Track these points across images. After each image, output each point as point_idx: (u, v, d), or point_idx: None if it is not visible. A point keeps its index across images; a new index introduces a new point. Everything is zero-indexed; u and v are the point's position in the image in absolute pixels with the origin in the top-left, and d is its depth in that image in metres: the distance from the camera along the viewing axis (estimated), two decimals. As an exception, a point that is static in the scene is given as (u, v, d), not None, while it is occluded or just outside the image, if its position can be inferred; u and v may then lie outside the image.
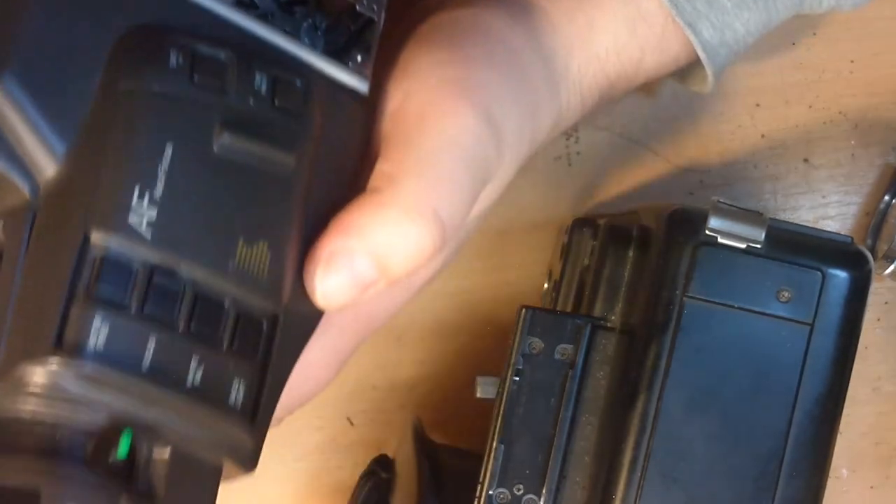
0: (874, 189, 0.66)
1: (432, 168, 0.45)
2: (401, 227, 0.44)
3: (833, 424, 0.52)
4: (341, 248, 0.44)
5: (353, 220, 0.44)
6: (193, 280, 0.41)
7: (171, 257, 0.40)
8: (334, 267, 0.44)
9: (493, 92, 0.47)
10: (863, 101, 0.66)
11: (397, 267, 0.44)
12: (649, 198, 0.65)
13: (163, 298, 0.40)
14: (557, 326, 0.54)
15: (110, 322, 0.39)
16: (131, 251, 0.40)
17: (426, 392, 0.65)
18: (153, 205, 0.40)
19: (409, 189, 0.44)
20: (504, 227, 0.65)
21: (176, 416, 0.40)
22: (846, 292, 0.52)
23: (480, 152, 0.46)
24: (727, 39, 0.54)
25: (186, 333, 0.40)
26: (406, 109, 0.46)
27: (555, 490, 0.53)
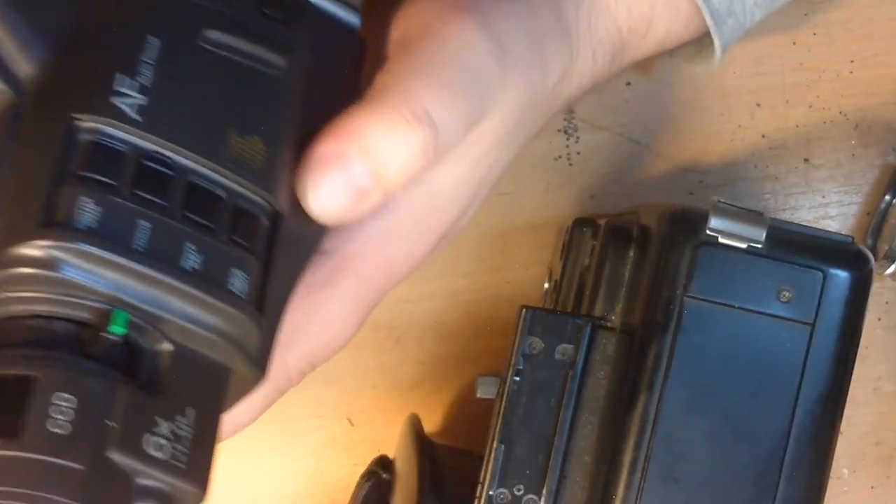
0: (874, 189, 0.66)
1: (428, 72, 0.44)
2: (394, 127, 0.43)
3: (834, 424, 0.52)
4: (335, 151, 0.42)
5: (346, 124, 0.43)
6: (187, 167, 0.40)
7: (162, 142, 0.40)
8: (328, 171, 0.42)
9: (499, 14, 0.46)
10: (863, 101, 0.66)
11: (392, 172, 0.43)
12: (649, 198, 0.65)
13: (155, 183, 0.39)
14: (557, 326, 0.54)
15: (100, 202, 0.38)
16: (121, 135, 0.39)
17: (426, 392, 0.65)
18: (142, 92, 0.40)
19: (403, 90, 0.43)
20: (504, 227, 0.65)
21: (173, 299, 0.39)
22: (847, 292, 0.52)
23: (481, 65, 0.45)
24: (735, 9, 0.54)
25: (181, 219, 0.40)
26: (408, 29, 0.46)
27: (555, 490, 0.53)
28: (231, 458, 0.64)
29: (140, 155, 0.39)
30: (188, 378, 0.40)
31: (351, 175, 0.42)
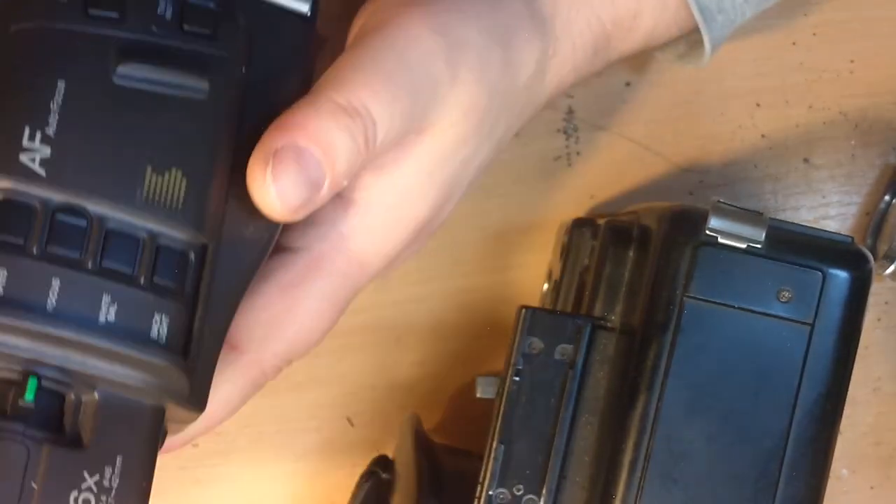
0: (874, 189, 0.66)
1: (369, 67, 0.44)
2: (336, 117, 0.43)
3: (833, 425, 0.52)
4: (287, 143, 0.42)
5: (292, 119, 0.43)
6: (100, 215, 0.39)
7: (69, 193, 0.39)
8: (283, 164, 0.42)
9: (454, 12, 0.46)
10: (863, 101, 0.66)
11: (340, 162, 0.43)
12: (649, 198, 0.65)
13: (68, 236, 0.39)
14: (557, 326, 0.54)
15: (9, 265, 0.38)
16: (26, 191, 0.38)
17: (426, 392, 0.65)
18: (46, 142, 0.39)
19: (342, 83, 0.43)
20: (504, 228, 0.65)
21: (91, 357, 0.39)
22: (846, 292, 0.52)
23: (426, 63, 0.45)
24: (725, 5, 0.54)
25: (96, 270, 0.39)
26: (365, 27, 0.46)
27: (555, 490, 0.53)
28: (230, 460, 0.64)
29: (51, 209, 0.39)
30: (116, 425, 0.40)
31: (306, 166, 0.42)
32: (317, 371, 0.64)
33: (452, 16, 0.46)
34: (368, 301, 0.64)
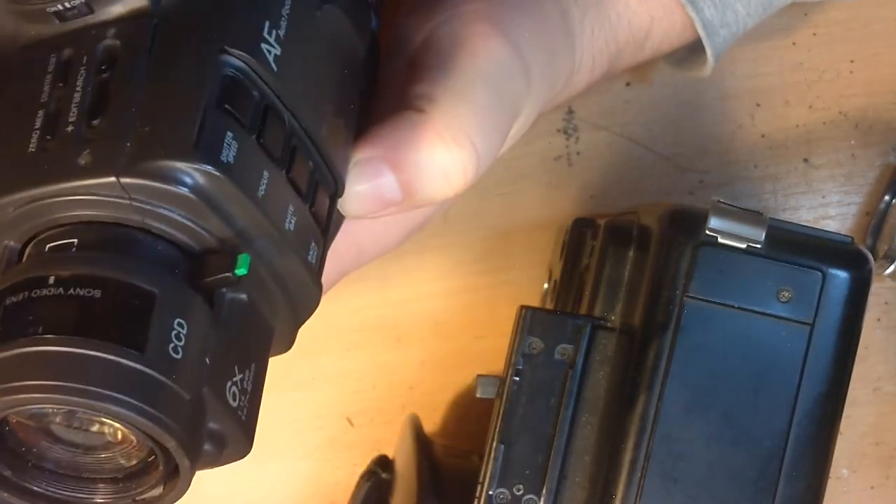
0: (874, 189, 0.66)
1: (469, 97, 0.44)
2: (434, 151, 0.43)
3: (833, 424, 0.52)
4: (371, 158, 0.43)
5: (387, 135, 0.44)
6: (295, 130, 0.41)
7: (284, 100, 0.41)
8: (359, 175, 0.43)
9: (520, 29, 0.47)
10: (863, 101, 0.66)
11: (423, 191, 0.44)
12: (649, 198, 0.65)
13: (273, 138, 0.40)
14: (557, 326, 0.54)
15: (238, 141, 0.39)
16: (259, 81, 0.40)
17: (426, 392, 0.65)
18: (279, 43, 0.41)
19: (447, 114, 0.44)
20: (504, 227, 0.65)
21: (273, 252, 0.41)
22: (846, 292, 0.52)
23: (512, 85, 0.46)
24: (728, 20, 0.55)
25: (286, 180, 0.41)
26: (437, 38, 0.46)
27: (555, 490, 0.53)
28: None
29: (266, 106, 0.40)
30: (252, 334, 0.41)
31: (381, 184, 0.43)
32: (317, 371, 0.65)
33: (520, 34, 0.47)
34: (369, 301, 0.64)
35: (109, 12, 0.41)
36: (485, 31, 0.46)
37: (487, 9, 0.47)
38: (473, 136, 0.44)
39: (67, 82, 0.40)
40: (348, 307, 0.64)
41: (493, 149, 0.45)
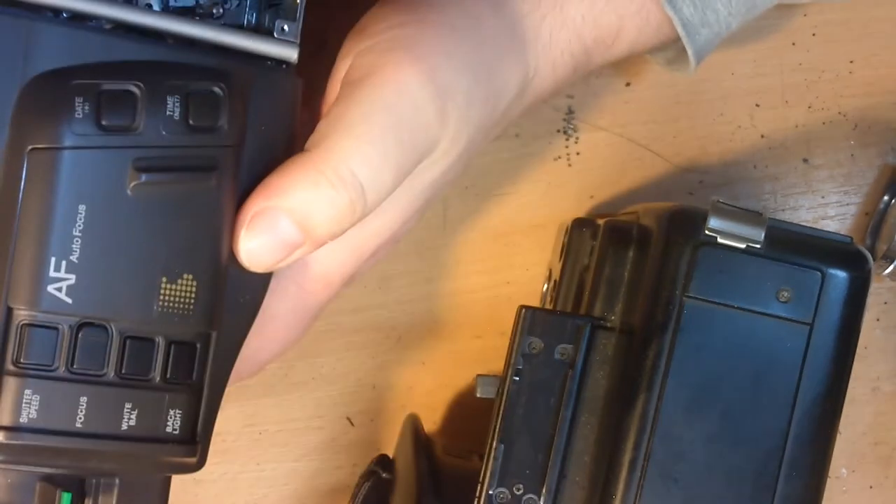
0: (873, 189, 0.66)
1: (359, 130, 0.45)
2: (319, 187, 0.44)
3: (832, 424, 0.52)
4: (263, 209, 0.44)
5: (276, 182, 0.44)
6: (120, 329, 0.41)
7: (93, 315, 0.41)
8: (256, 228, 0.44)
9: (442, 55, 0.47)
10: (862, 101, 0.66)
11: (320, 228, 0.44)
12: (649, 198, 0.65)
13: (91, 352, 0.41)
14: (557, 326, 0.54)
15: (41, 391, 0.40)
16: (55, 317, 0.41)
17: (426, 392, 0.65)
18: (71, 270, 0.41)
19: (331, 150, 0.44)
20: (504, 227, 0.65)
21: (114, 460, 0.42)
22: (846, 292, 0.52)
23: (417, 119, 0.46)
24: (709, 19, 0.54)
25: (118, 381, 0.41)
26: (352, 71, 0.46)
27: (555, 490, 0.53)
28: (230, 460, 0.64)
29: (75, 329, 0.41)
30: (134, 497, 0.43)
31: (278, 231, 0.44)
32: (317, 371, 0.65)
33: (440, 59, 0.47)
34: (369, 301, 0.64)
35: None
36: (397, 60, 0.46)
37: (410, 34, 0.47)
38: (357, 170, 0.44)
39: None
40: (348, 307, 0.64)
41: (384, 180, 0.45)
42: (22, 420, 0.40)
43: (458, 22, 0.48)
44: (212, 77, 0.42)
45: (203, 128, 0.42)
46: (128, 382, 0.42)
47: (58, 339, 0.41)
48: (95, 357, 0.41)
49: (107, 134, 0.41)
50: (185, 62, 0.43)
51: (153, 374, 0.42)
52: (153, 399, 0.42)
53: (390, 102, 0.45)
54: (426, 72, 0.46)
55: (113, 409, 0.41)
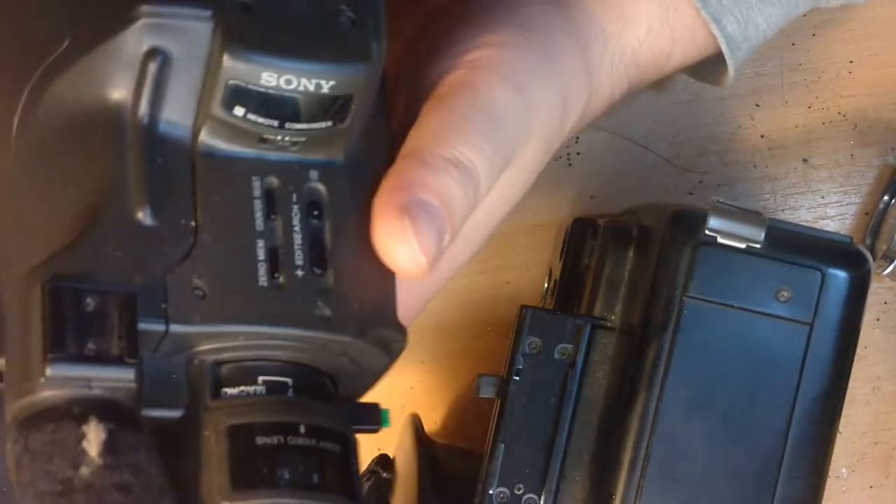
0: (873, 189, 0.66)
1: (466, 127, 0.44)
2: (449, 172, 0.43)
3: (832, 424, 0.52)
4: (411, 200, 0.42)
5: (408, 177, 0.43)
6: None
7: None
8: (419, 218, 0.42)
9: (525, 75, 0.47)
10: (862, 101, 0.66)
11: (458, 216, 0.43)
12: (649, 198, 0.65)
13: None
14: (557, 326, 0.54)
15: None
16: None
17: (426, 392, 0.65)
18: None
19: (447, 142, 0.44)
20: (504, 228, 0.65)
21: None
22: (845, 292, 0.52)
23: (509, 122, 0.46)
24: (749, 34, 0.55)
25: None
26: (442, 88, 0.46)
27: (555, 489, 0.53)
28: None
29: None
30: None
31: (436, 218, 0.42)
32: (317, 371, 0.64)
33: (527, 78, 0.47)
34: (369, 301, 0.64)
35: (310, 153, 0.42)
36: (487, 77, 0.46)
37: (495, 55, 0.47)
38: (472, 157, 0.44)
39: (279, 215, 0.41)
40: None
41: (489, 171, 0.45)
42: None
43: (537, 44, 0.48)
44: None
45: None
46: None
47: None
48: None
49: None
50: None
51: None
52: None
53: (487, 107, 0.45)
54: (515, 87, 0.46)
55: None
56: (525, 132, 0.47)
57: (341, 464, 0.41)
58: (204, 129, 0.41)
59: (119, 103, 0.40)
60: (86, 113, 0.40)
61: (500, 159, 0.45)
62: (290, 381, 0.42)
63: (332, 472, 0.41)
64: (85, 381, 0.37)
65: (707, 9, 0.53)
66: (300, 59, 0.40)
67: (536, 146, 0.48)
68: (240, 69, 0.39)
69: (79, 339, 0.37)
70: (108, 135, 0.40)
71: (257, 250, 0.41)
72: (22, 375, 0.38)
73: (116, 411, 0.38)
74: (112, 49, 0.40)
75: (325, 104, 0.41)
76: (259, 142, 0.41)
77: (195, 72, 0.40)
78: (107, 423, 0.37)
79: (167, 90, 0.40)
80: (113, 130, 0.40)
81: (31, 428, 0.37)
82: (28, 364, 0.37)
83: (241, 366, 0.41)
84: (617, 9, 0.52)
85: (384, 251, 0.42)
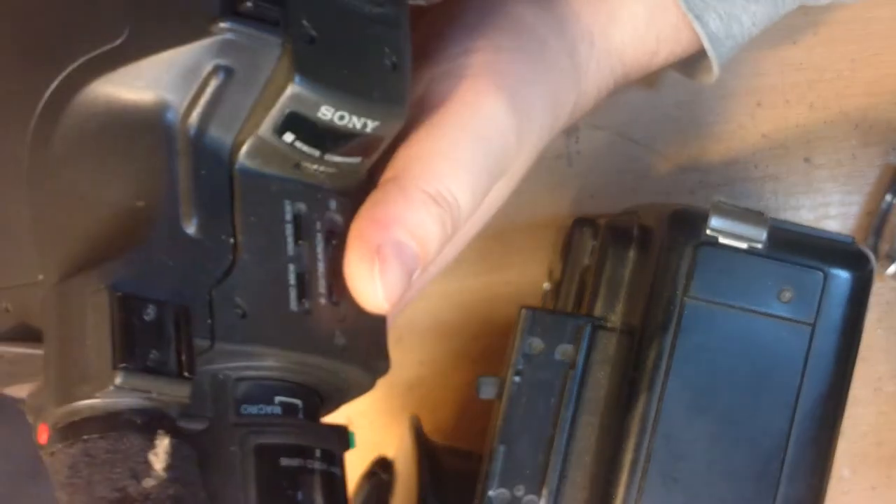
0: (875, 189, 0.66)
1: (452, 155, 0.44)
2: (428, 206, 0.43)
3: (834, 425, 0.52)
4: (387, 239, 0.43)
5: (388, 212, 0.43)
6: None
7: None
8: (388, 261, 0.43)
9: (519, 82, 0.47)
10: (863, 100, 0.66)
11: (432, 249, 0.44)
12: (649, 198, 0.65)
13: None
14: (558, 326, 0.54)
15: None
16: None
17: (426, 392, 0.65)
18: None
19: (430, 171, 0.44)
20: (504, 227, 0.65)
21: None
22: (848, 292, 0.52)
23: (501, 143, 0.46)
24: (733, 31, 0.55)
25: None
26: (431, 96, 0.46)
27: (555, 490, 0.53)
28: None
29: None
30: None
31: (406, 259, 0.43)
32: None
33: (520, 87, 0.47)
34: (368, 301, 0.64)
35: (332, 182, 0.43)
36: (477, 87, 0.46)
37: (486, 62, 0.47)
38: (454, 189, 0.44)
39: (305, 240, 0.42)
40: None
41: (472, 200, 0.45)
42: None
43: (528, 46, 0.49)
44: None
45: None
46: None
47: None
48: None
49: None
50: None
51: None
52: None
53: (478, 129, 0.45)
54: (507, 98, 0.46)
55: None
56: (517, 147, 0.47)
57: (341, 487, 0.43)
58: (245, 147, 0.41)
59: (169, 109, 0.40)
60: (131, 113, 0.40)
61: (486, 182, 0.46)
62: (300, 402, 0.43)
63: (335, 495, 0.42)
64: (146, 393, 0.37)
65: (689, 5, 0.53)
66: (356, 98, 0.41)
67: (527, 156, 0.48)
68: (303, 98, 0.40)
69: (144, 349, 0.37)
70: (156, 140, 0.40)
71: (289, 274, 0.41)
72: (80, 379, 0.37)
73: (174, 425, 0.38)
74: (179, 57, 0.39)
75: (364, 142, 0.42)
76: (293, 167, 0.42)
77: (252, 92, 0.40)
78: (172, 438, 0.38)
79: (220, 105, 0.40)
80: (161, 137, 0.40)
81: (90, 433, 0.38)
82: (90, 369, 0.37)
83: (259, 384, 0.42)
84: (603, 10, 0.52)
85: (351, 284, 0.43)
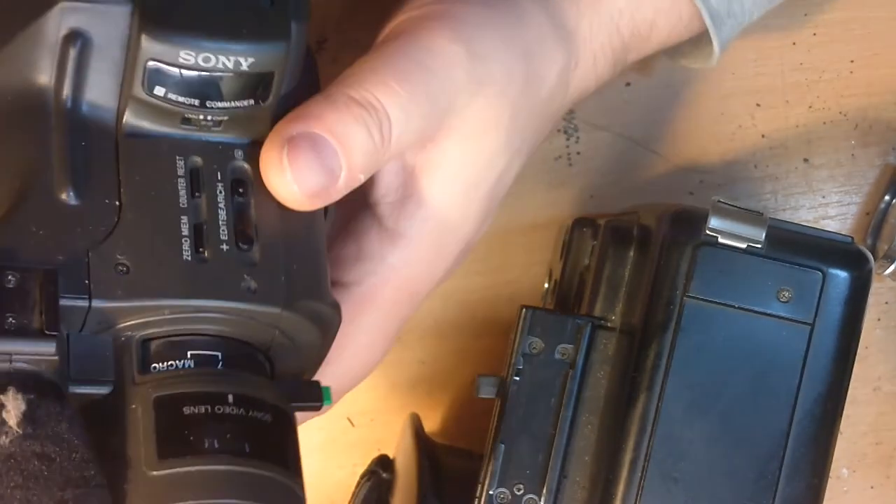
0: (874, 189, 0.66)
1: (383, 68, 0.44)
2: (351, 109, 0.43)
3: (833, 424, 0.52)
4: (302, 131, 0.42)
5: (307, 109, 0.43)
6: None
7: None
8: (299, 150, 0.42)
9: (475, 26, 0.47)
10: (863, 101, 0.66)
11: (356, 155, 0.43)
12: (649, 198, 0.65)
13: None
14: (558, 326, 0.54)
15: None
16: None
17: (426, 392, 0.65)
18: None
19: (359, 81, 0.44)
20: (504, 227, 0.65)
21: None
22: (847, 292, 0.52)
23: (445, 74, 0.46)
24: (734, 10, 0.55)
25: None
26: (388, 36, 0.46)
27: (555, 490, 0.53)
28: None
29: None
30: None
31: (323, 153, 0.43)
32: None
33: (476, 30, 0.47)
34: (369, 301, 0.64)
35: (234, 133, 0.42)
36: (431, 27, 0.46)
37: (447, 8, 0.47)
38: (383, 100, 0.44)
39: (203, 193, 0.42)
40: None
41: (408, 118, 0.44)
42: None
43: (498, 4, 0.48)
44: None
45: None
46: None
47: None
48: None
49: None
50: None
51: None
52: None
53: (419, 55, 0.45)
54: (458, 36, 0.46)
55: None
56: (467, 82, 0.46)
57: (274, 433, 0.41)
58: (128, 110, 0.41)
59: (43, 88, 0.41)
60: (12, 99, 0.41)
61: (422, 104, 0.45)
62: (220, 354, 0.42)
63: (263, 441, 0.40)
64: (6, 355, 0.37)
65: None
66: (217, 38, 0.40)
67: (491, 100, 0.47)
68: (157, 49, 0.40)
69: (2, 315, 0.37)
70: (34, 120, 0.41)
71: (181, 226, 0.41)
72: None
73: (37, 383, 0.38)
74: (33, 34, 0.40)
75: (245, 82, 0.41)
76: (182, 122, 0.42)
77: (116, 55, 0.40)
78: (26, 394, 0.37)
79: (89, 73, 0.41)
80: (38, 115, 0.41)
81: None
82: None
83: (169, 341, 0.41)
84: None
85: (265, 179, 0.42)
